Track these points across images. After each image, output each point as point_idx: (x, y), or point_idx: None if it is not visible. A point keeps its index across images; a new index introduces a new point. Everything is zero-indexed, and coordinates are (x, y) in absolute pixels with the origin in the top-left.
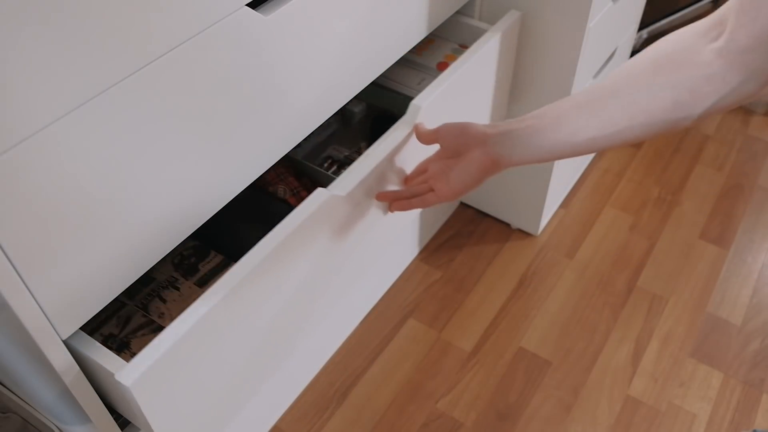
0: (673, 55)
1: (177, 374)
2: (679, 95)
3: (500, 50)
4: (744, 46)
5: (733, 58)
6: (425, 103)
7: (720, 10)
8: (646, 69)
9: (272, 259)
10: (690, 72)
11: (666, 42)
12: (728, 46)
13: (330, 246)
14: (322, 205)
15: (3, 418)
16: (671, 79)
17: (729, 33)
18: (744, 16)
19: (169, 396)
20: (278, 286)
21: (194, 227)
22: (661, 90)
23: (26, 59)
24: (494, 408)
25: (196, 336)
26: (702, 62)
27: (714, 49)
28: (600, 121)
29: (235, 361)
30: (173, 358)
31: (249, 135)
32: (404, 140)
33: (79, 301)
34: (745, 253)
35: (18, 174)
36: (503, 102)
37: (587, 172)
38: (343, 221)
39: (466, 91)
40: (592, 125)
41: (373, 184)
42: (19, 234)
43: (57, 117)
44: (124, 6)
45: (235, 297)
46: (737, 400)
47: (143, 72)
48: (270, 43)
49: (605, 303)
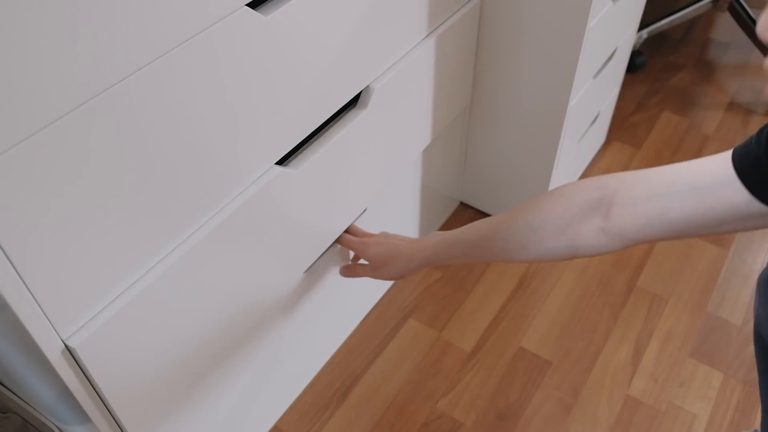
0: (557, 220)
1: (129, 338)
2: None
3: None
4: (628, 238)
5: (614, 237)
6: (378, 86)
7: (608, 186)
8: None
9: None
10: (570, 234)
11: (554, 204)
12: (611, 231)
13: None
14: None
15: (3, 418)
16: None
17: (618, 223)
18: (637, 220)
19: (122, 361)
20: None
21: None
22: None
23: (25, 58)
24: (494, 408)
25: (146, 300)
26: (584, 234)
27: (598, 227)
28: (507, 258)
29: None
30: (124, 320)
31: (249, 135)
32: (356, 123)
33: (80, 301)
34: (745, 253)
35: (18, 173)
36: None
37: (587, 172)
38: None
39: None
40: (499, 258)
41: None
42: (19, 234)
43: (57, 117)
44: (123, 6)
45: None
46: (737, 400)
47: (143, 72)
48: (270, 43)
49: (605, 303)
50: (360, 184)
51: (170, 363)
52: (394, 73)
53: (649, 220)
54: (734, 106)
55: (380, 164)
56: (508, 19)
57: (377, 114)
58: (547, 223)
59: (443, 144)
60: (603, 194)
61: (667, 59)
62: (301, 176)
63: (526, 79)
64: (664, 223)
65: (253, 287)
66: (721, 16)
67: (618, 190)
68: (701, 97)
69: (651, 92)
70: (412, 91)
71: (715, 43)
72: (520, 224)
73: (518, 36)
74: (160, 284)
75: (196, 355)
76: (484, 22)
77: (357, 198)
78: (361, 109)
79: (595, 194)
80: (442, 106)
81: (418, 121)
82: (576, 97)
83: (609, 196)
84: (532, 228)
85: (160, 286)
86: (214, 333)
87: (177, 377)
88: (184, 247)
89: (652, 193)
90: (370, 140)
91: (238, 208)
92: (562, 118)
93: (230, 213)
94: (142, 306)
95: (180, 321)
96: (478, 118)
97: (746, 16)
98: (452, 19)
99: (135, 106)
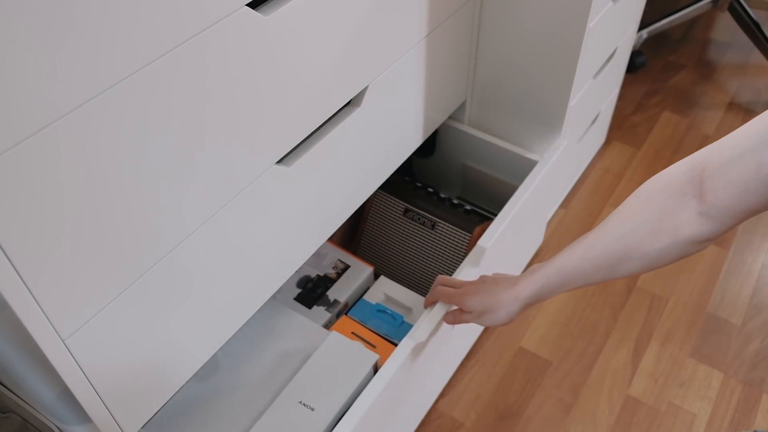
0: (650, 219)
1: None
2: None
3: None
4: (731, 213)
5: (715, 217)
6: (373, 84)
7: (694, 162)
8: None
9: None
10: (669, 230)
11: (646, 202)
12: (710, 211)
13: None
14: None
15: (3, 418)
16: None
17: (714, 200)
18: (731, 188)
19: (122, 361)
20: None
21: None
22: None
23: (24, 57)
24: (494, 408)
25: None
26: (684, 224)
27: (696, 211)
28: (614, 275)
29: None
30: (124, 320)
31: (248, 135)
32: (352, 120)
33: (80, 301)
34: (745, 253)
35: (19, 173)
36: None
37: (587, 172)
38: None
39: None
40: (606, 278)
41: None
42: (19, 234)
43: (57, 117)
44: (122, 6)
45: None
46: (737, 400)
47: (143, 72)
48: (270, 43)
49: (605, 303)
50: (354, 181)
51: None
52: (388, 71)
53: (746, 183)
54: (734, 106)
55: (373, 162)
56: (507, 19)
57: (371, 111)
58: (640, 226)
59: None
60: (692, 175)
61: (667, 59)
62: (295, 173)
63: (525, 78)
64: (761, 181)
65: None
66: (721, 16)
67: (705, 163)
68: (701, 97)
69: (651, 92)
70: (407, 89)
71: (715, 43)
72: (612, 236)
73: (518, 36)
74: (160, 284)
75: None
76: (484, 22)
77: (351, 194)
78: (354, 106)
79: (684, 177)
80: (437, 104)
81: (412, 119)
82: (576, 97)
83: (698, 174)
84: (626, 235)
85: (160, 285)
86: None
87: (177, 377)
88: (186, 245)
89: (739, 152)
90: (363, 138)
91: (237, 207)
92: (563, 118)
93: (230, 213)
94: (143, 306)
95: (180, 321)
96: (476, 116)
97: (746, 16)
98: (452, 19)
99: (135, 106)
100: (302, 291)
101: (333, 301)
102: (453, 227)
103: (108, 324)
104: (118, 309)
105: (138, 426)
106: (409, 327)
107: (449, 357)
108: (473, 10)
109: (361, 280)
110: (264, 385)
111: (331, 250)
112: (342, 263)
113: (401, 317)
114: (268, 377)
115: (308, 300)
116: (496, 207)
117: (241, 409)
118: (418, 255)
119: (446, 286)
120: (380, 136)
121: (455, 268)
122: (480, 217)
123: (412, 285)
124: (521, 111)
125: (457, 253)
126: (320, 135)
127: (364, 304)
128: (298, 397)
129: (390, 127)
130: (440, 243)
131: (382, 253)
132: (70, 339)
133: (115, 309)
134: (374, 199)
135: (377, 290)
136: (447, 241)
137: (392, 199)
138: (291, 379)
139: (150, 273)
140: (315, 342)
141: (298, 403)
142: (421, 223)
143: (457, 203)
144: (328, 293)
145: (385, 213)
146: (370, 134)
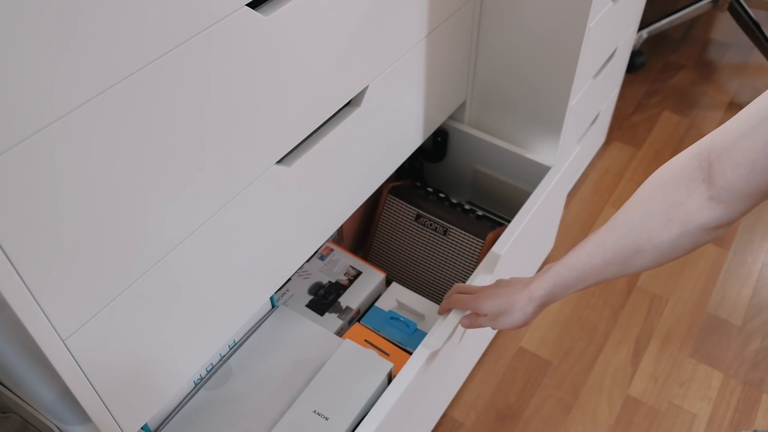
0: (658, 209)
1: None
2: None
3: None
4: (742, 194)
5: (726, 201)
6: (372, 84)
7: (701, 147)
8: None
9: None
10: (680, 218)
11: (653, 192)
12: (721, 195)
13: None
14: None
15: (3, 418)
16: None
17: (723, 182)
18: (739, 168)
19: (122, 360)
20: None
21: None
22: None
23: (25, 57)
24: (494, 408)
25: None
26: (694, 211)
27: (705, 196)
28: (627, 270)
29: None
30: (124, 320)
31: (247, 135)
32: (351, 120)
33: (80, 301)
34: (745, 253)
35: (19, 173)
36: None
37: (587, 172)
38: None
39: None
40: (618, 273)
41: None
42: (19, 234)
43: (57, 117)
44: (121, 6)
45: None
46: (737, 400)
47: (142, 73)
48: (270, 43)
49: (605, 303)
50: (354, 181)
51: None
52: (388, 71)
53: (753, 162)
54: (734, 106)
55: (373, 163)
56: (507, 19)
57: (371, 112)
58: (649, 216)
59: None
60: (699, 159)
61: (667, 59)
62: (295, 173)
63: (525, 78)
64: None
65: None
66: (721, 16)
67: (711, 146)
68: (701, 97)
69: (651, 92)
70: (407, 90)
71: (715, 43)
72: (622, 229)
73: (518, 35)
74: (160, 284)
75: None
76: (484, 22)
77: (351, 194)
78: (354, 106)
79: (692, 163)
80: (437, 104)
81: (411, 120)
82: (576, 97)
83: (705, 159)
84: (636, 227)
85: (160, 285)
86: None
87: (177, 377)
88: (186, 245)
89: (744, 131)
90: (363, 138)
91: (235, 208)
92: (562, 118)
93: (230, 213)
94: (143, 306)
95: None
96: (476, 117)
97: (746, 16)
98: (452, 19)
99: (135, 107)
100: (314, 298)
101: (345, 308)
102: (465, 233)
103: (108, 324)
104: (118, 309)
105: (138, 426)
106: (423, 335)
107: (462, 364)
108: (473, 10)
109: (373, 287)
110: (277, 394)
111: (342, 256)
112: (354, 269)
113: (414, 325)
114: (282, 385)
115: (320, 307)
116: (506, 211)
117: (254, 418)
118: (430, 261)
119: (462, 293)
120: (380, 136)
121: (468, 274)
122: (492, 223)
123: (425, 291)
124: (521, 111)
125: (469, 260)
126: (320, 135)
127: (376, 311)
128: (312, 406)
129: (390, 127)
130: (452, 249)
131: (394, 260)
132: (70, 339)
133: (115, 309)
134: (385, 204)
135: (389, 297)
136: (459, 247)
137: (404, 204)
138: (305, 387)
139: (150, 273)
140: (328, 350)
141: (312, 413)
142: (433, 229)
143: (468, 209)
144: (339, 300)
145: (397, 219)
146: (370, 134)
